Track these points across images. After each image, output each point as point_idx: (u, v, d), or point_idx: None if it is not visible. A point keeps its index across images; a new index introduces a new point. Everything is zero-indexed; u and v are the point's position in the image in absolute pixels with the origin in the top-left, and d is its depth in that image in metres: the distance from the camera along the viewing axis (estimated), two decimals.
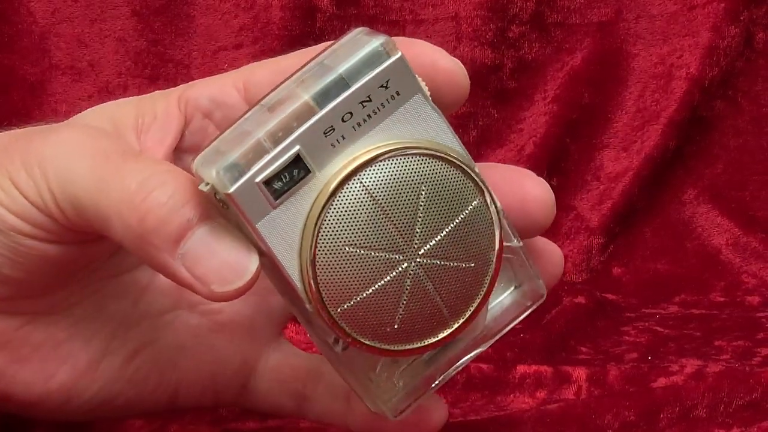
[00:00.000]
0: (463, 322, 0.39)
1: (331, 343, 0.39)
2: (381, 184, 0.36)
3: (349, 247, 0.36)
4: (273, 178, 0.36)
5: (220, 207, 0.36)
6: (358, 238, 0.36)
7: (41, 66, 0.71)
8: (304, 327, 0.39)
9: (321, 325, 0.38)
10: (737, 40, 0.75)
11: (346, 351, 0.39)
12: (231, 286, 0.36)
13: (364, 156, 0.37)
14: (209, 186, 0.36)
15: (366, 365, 0.40)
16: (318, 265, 0.36)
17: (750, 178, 0.76)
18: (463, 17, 0.73)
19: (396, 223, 0.37)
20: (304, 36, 0.72)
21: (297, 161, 0.36)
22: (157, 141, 0.41)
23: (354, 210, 0.36)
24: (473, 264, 0.38)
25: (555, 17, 0.75)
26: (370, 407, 0.41)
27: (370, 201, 0.36)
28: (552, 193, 0.41)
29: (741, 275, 0.72)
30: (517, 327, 0.43)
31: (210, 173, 0.36)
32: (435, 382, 0.41)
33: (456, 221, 0.37)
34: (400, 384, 0.41)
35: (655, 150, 0.74)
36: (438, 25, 0.74)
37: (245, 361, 0.46)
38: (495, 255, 0.39)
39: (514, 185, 0.41)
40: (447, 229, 0.37)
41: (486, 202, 0.38)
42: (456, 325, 0.39)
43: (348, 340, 0.38)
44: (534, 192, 0.41)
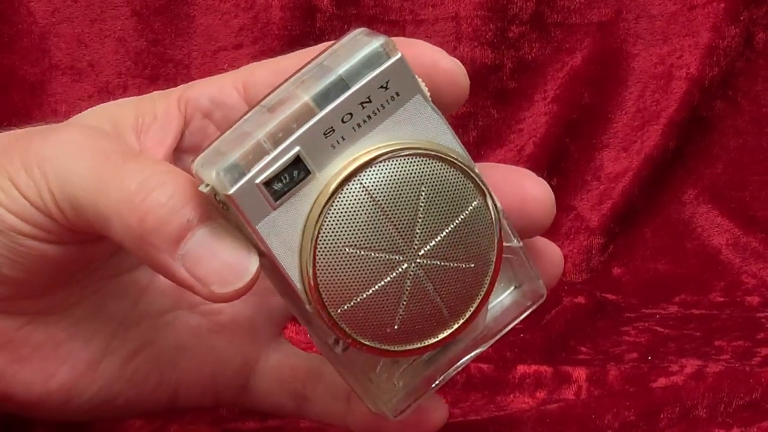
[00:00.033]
0: (463, 322, 0.39)
1: (332, 344, 0.39)
2: (381, 184, 0.36)
3: (349, 248, 0.36)
4: (273, 179, 0.36)
5: (220, 208, 0.36)
6: (358, 238, 0.36)
7: (41, 66, 0.71)
8: (304, 327, 0.39)
9: (321, 326, 0.38)
10: (737, 40, 0.75)
11: (346, 351, 0.39)
12: (231, 287, 0.36)
13: (364, 157, 0.37)
14: (209, 187, 0.36)
15: (366, 366, 0.40)
16: (318, 266, 0.36)
17: (750, 178, 0.76)
18: (463, 17, 0.73)
19: (396, 224, 0.37)
20: (304, 36, 0.72)
21: (297, 162, 0.36)
22: (157, 141, 0.41)
23: (354, 211, 0.36)
24: (473, 264, 0.38)
25: (555, 17, 0.75)
26: (370, 407, 0.41)
27: (370, 202, 0.36)
28: (552, 193, 0.41)
29: (741, 275, 0.72)
30: (517, 327, 0.43)
31: (210, 174, 0.36)
32: (435, 382, 0.41)
33: (456, 222, 0.37)
34: (400, 384, 0.41)
35: (655, 150, 0.74)
36: (438, 25, 0.73)
37: (245, 362, 0.46)
38: (495, 255, 0.39)
39: (514, 185, 0.41)
40: (447, 230, 0.37)
41: (486, 202, 0.38)
42: (456, 326, 0.39)
43: (348, 340, 0.38)
44: (534, 192, 0.41)
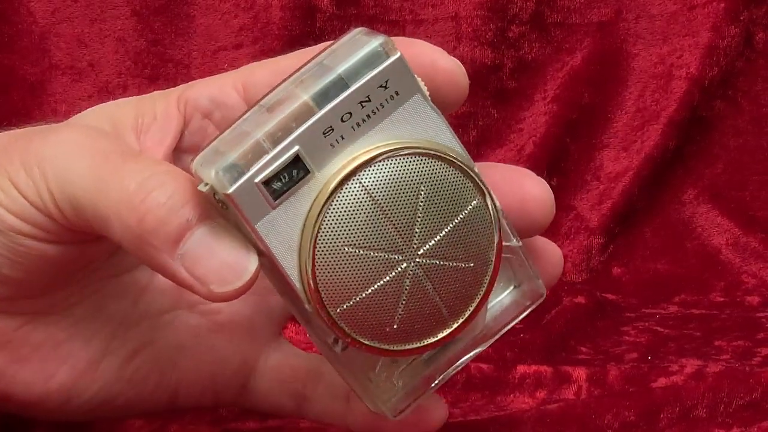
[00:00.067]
0: (463, 321, 0.39)
1: (331, 343, 0.39)
2: (380, 184, 0.36)
3: (349, 247, 0.36)
4: (272, 178, 0.36)
5: (219, 207, 0.36)
6: (357, 238, 0.36)
7: (41, 66, 0.71)
8: (303, 327, 0.39)
9: (320, 325, 0.38)
10: (737, 40, 0.75)
11: (345, 351, 0.39)
12: (230, 286, 0.36)
13: (363, 156, 0.36)
14: (208, 186, 0.36)
15: (365, 365, 0.40)
16: (317, 266, 0.36)
17: (750, 178, 0.76)
18: (463, 17, 0.73)
19: (395, 223, 0.37)
20: (304, 36, 0.72)
21: (296, 161, 0.36)
22: (157, 141, 0.41)
23: (353, 210, 0.36)
24: (472, 264, 0.38)
25: (555, 17, 0.75)
26: (369, 407, 0.41)
27: (369, 201, 0.36)
28: (551, 193, 0.41)
29: (741, 275, 0.72)
30: (517, 327, 0.43)
31: (209, 173, 0.36)
32: (434, 381, 0.41)
33: (455, 221, 0.37)
34: (399, 384, 0.41)
35: (655, 150, 0.74)
36: (438, 25, 0.73)
37: (245, 361, 0.46)
38: (494, 255, 0.39)
39: (513, 185, 0.41)
40: (446, 229, 0.37)
41: (485, 201, 0.38)
42: (455, 325, 0.39)
43: (347, 340, 0.38)
44: (533, 192, 0.41)
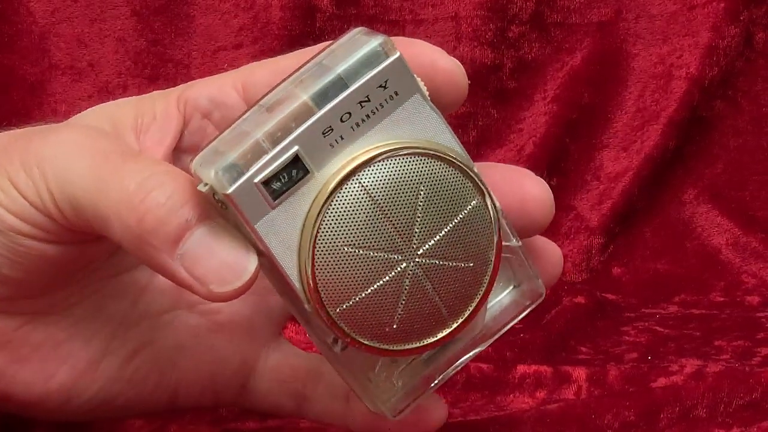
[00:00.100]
0: (462, 321, 0.39)
1: (330, 343, 0.39)
2: (379, 184, 0.36)
3: (348, 247, 0.36)
4: (272, 178, 0.36)
5: (218, 207, 0.36)
6: (356, 238, 0.36)
7: (41, 66, 0.71)
8: (303, 327, 0.39)
9: (320, 325, 0.38)
10: (737, 40, 0.75)
11: (345, 351, 0.39)
12: (230, 286, 0.36)
13: (362, 156, 0.36)
14: (208, 186, 0.36)
15: (365, 365, 0.40)
16: (317, 265, 0.36)
17: (750, 178, 0.76)
18: (463, 17, 0.73)
19: (395, 223, 0.37)
20: (303, 36, 0.72)
21: (296, 161, 0.36)
22: (156, 141, 0.41)
23: (353, 210, 0.36)
24: (472, 264, 0.38)
25: (555, 17, 0.75)
26: (369, 407, 0.41)
27: (368, 201, 0.36)
28: (551, 193, 0.41)
29: (741, 275, 0.72)
30: (517, 327, 0.43)
31: (209, 173, 0.36)
32: (434, 381, 0.41)
33: (455, 221, 0.37)
34: (399, 384, 0.41)
35: (655, 150, 0.74)
36: (438, 25, 0.73)
37: (244, 361, 0.46)
38: (494, 254, 0.39)
39: (513, 185, 0.41)
40: (446, 229, 0.37)
41: (485, 201, 0.38)
42: (455, 325, 0.39)
43: (347, 340, 0.38)
44: (533, 192, 0.41)
